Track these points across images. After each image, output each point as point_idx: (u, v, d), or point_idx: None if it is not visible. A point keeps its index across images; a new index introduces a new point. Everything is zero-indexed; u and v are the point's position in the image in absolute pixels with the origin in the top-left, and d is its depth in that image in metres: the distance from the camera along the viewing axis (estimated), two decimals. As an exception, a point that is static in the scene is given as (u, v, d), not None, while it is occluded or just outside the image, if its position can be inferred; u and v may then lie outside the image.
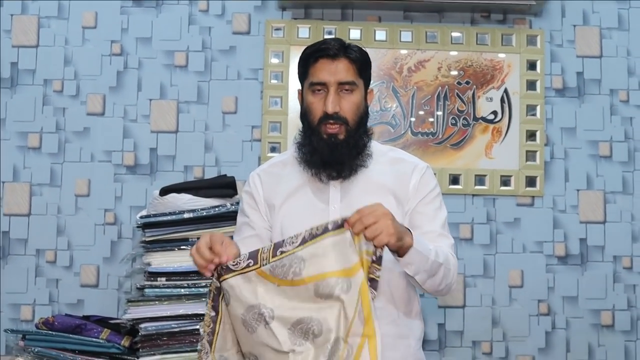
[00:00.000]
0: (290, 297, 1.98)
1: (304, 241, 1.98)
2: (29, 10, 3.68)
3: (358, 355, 1.94)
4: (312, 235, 1.98)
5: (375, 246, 1.95)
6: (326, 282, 1.95)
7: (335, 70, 2.26)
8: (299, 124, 2.40)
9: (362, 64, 2.32)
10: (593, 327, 3.66)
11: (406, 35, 3.71)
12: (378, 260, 1.96)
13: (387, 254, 2.02)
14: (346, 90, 2.27)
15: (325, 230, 1.97)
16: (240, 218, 2.44)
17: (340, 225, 1.97)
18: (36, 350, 3.09)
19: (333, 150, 2.25)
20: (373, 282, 1.96)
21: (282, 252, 2.00)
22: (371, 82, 2.42)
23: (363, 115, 2.32)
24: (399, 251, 2.05)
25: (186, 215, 3.17)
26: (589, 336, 3.65)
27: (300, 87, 2.41)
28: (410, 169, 2.37)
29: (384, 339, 2.16)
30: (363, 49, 2.35)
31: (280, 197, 2.33)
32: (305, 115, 2.34)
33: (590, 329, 3.66)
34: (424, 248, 2.10)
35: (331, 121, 2.25)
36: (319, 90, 2.28)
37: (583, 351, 3.65)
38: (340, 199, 2.29)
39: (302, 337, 1.97)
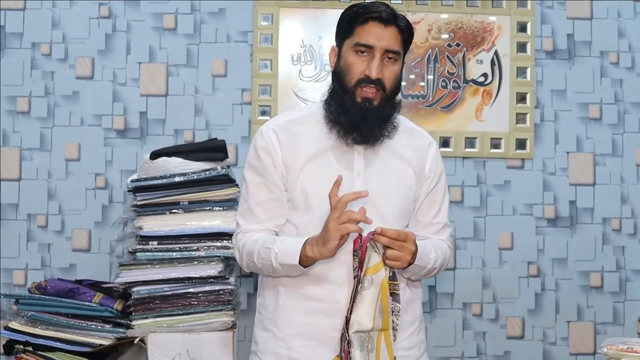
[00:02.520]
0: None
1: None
2: (16, -27, 3.64)
3: (378, 347, 2.12)
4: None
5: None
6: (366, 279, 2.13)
7: (385, 36, 2.21)
8: (290, 87, 2.37)
9: (408, 35, 2.28)
10: (582, 288, 3.69)
11: (396, -3, 3.69)
12: (393, 277, 2.15)
13: None
14: (389, 58, 2.23)
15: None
16: (252, 177, 2.32)
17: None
18: (29, 314, 3.10)
19: (365, 115, 2.21)
20: (395, 296, 2.17)
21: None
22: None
23: (398, 86, 2.29)
24: None
25: (177, 179, 3.16)
26: (578, 297, 3.69)
27: (335, 45, 2.33)
28: (425, 144, 2.39)
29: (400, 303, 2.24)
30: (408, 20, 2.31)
31: (300, 159, 2.26)
32: (341, 74, 2.26)
33: (579, 290, 3.69)
34: (424, 261, 2.23)
35: (371, 85, 2.21)
36: (362, 52, 2.22)
37: (572, 312, 3.69)
38: (364, 167, 2.27)
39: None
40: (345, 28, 2.27)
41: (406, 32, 2.26)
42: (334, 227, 2.05)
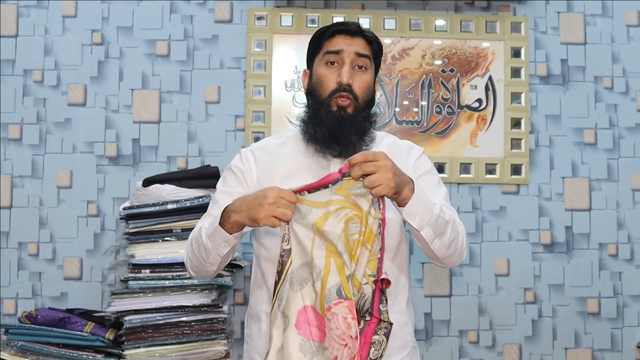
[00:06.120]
0: None
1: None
2: None
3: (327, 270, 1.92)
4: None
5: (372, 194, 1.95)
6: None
7: (353, 43, 2.25)
8: (283, 113, 2.36)
9: (377, 47, 2.31)
10: (579, 314, 3.66)
11: (390, 23, 3.69)
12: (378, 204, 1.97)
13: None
14: (360, 67, 2.25)
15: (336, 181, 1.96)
16: (220, 187, 2.34)
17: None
18: (19, 344, 3.06)
19: (341, 124, 2.21)
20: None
21: None
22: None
23: (371, 98, 2.29)
24: (400, 202, 2.04)
25: (170, 206, 3.15)
26: (576, 324, 3.66)
27: (306, 68, 2.36)
28: (406, 152, 2.35)
29: (393, 327, 2.15)
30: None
31: (277, 177, 2.24)
32: (314, 89, 2.28)
33: (576, 316, 3.66)
34: (427, 200, 2.08)
35: (344, 93, 2.22)
36: (332, 63, 2.24)
37: (570, 339, 3.65)
38: None
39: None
40: (314, 46, 2.31)
41: (375, 44, 2.30)
42: (271, 211, 1.94)
